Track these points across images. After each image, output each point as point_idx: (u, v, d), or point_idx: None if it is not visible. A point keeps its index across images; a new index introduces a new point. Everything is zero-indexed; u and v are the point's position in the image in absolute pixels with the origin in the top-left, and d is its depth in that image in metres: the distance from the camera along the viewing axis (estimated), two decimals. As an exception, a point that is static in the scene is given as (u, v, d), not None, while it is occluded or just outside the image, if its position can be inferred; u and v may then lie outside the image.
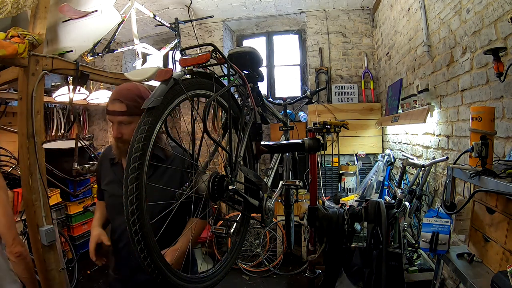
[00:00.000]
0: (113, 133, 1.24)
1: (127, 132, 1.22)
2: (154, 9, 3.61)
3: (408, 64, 2.74)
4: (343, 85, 3.99)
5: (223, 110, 1.22)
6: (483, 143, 1.11)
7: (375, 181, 2.93)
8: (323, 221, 1.86)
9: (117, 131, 1.22)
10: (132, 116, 1.21)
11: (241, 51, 1.35)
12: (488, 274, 1.15)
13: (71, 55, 1.84)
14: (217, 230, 1.24)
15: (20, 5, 1.49)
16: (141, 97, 1.22)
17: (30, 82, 1.49)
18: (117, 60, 4.84)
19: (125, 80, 2.02)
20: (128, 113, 1.20)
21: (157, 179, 1.26)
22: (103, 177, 1.40)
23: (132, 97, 1.21)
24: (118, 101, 1.21)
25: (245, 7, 3.99)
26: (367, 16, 4.00)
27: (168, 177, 1.29)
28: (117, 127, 1.22)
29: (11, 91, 2.81)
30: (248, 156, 1.34)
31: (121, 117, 1.21)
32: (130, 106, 1.20)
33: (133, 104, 1.20)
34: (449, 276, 1.95)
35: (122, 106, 1.20)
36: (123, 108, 1.20)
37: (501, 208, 1.13)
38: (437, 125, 2.16)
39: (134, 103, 1.20)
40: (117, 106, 1.21)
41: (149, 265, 0.81)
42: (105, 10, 1.94)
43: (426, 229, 1.43)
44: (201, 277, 1.05)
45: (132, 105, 1.20)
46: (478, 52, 1.61)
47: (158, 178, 1.27)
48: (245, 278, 3.33)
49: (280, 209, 3.13)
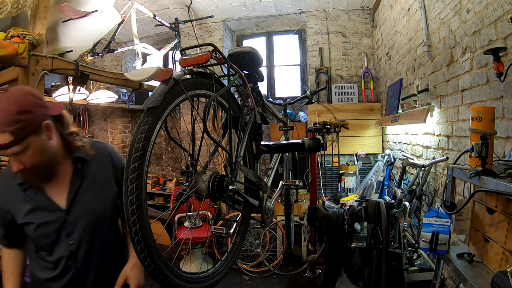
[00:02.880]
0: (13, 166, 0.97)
1: (28, 160, 0.96)
2: (154, 9, 3.61)
3: (408, 64, 2.74)
4: (343, 85, 3.99)
5: (223, 110, 1.22)
6: (483, 143, 1.11)
7: (375, 181, 2.93)
8: (323, 221, 1.86)
9: (16, 164, 0.96)
10: (23, 142, 0.93)
11: (241, 51, 1.36)
12: (488, 274, 1.15)
13: (71, 55, 1.84)
14: (217, 230, 1.24)
15: (20, 5, 1.49)
16: (24, 111, 0.92)
17: (30, 82, 1.49)
18: (117, 60, 4.84)
19: (125, 80, 2.02)
20: (16, 142, 0.91)
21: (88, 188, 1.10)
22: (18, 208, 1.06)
23: (12, 119, 0.90)
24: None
25: (245, 7, 3.99)
26: (367, 16, 4.00)
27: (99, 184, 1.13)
28: (13, 160, 0.96)
29: (11, 91, 2.80)
30: (248, 156, 1.34)
31: (11, 149, 0.92)
32: (14, 131, 0.90)
33: (18, 126, 0.91)
34: (449, 276, 1.95)
35: (5, 137, 0.90)
36: (8, 139, 0.90)
37: (501, 208, 1.13)
38: (437, 125, 2.16)
39: (18, 125, 0.91)
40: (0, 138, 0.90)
41: (149, 265, 0.81)
42: (105, 10, 1.94)
43: (426, 229, 1.43)
44: (201, 277, 1.06)
45: (17, 129, 0.90)
46: (478, 52, 1.61)
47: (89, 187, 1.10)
48: (245, 278, 3.32)
49: (280, 209, 3.13)
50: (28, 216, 1.06)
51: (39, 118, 0.97)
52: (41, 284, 1.10)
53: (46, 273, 1.08)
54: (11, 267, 1.15)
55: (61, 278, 1.07)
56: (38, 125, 0.96)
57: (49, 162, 1.02)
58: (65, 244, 1.06)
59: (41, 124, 0.97)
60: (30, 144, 0.95)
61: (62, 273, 1.07)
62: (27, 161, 0.96)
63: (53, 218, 1.05)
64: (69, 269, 1.07)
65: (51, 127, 1.01)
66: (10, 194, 1.08)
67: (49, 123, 1.00)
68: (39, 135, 0.97)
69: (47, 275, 1.08)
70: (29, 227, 1.06)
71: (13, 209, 1.08)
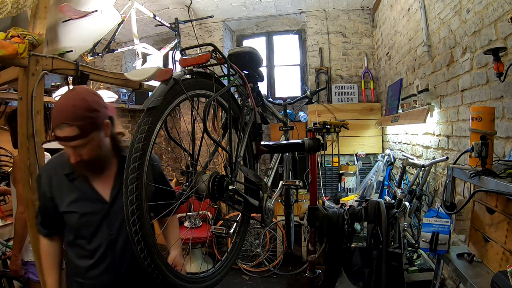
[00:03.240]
0: (71, 158, 1.05)
1: (86, 153, 1.05)
2: (154, 9, 3.61)
3: (408, 64, 2.74)
4: (343, 85, 3.99)
5: (223, 110, 1.22)
6: (483, 143, 1.11)
7: (375, 181, 2.93)
8: (323, 221, 1.86)
9: (75, 156, 1.04)
10: (88, 136, 1.02)
11: (241, 51, 1.36)
12: (488, 274, 1.15)
13: (71, 55, 1.84)
14: (217, 230, 1.24)
15: (20, 5, 1.49)
16: (91, 109, 1.03)
17: (30, 82, 1.48)
18: (117, 60, 4.84)
19: (125, 80, 2.02)
20: (82, 136, 1.01)
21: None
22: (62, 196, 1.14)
23: (81, 115, 1.00)
24: (67, 125, 0.99)
25: (245, 7, 3.99)
26: (367, 16, 4.00)
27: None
28: (73, 151, 1.04)
29: (11, 91, 2.81)
30: (248, 156, 1.34)
31: (75, 142, 1.01)
32: (82, 126, 1.00)
33: (85, 122, 1.01)
34: (449, 276, 1.95)
35: (72, 130, 0.99)
36: (75, 132, 0.99)
37: (501, 208, 1.13)
38: (437, 125, 2.16)
39: (85, 121, 1.01)
40: (67, 131, 0.99)
41: (149, 265, 0.81)
42: (105, 10, 1.94)
43: (426, 229, 1.43)
44: (201, 277, 1.06)
45: (84, 124, 1.00)
46: (478, 52, 1.61)
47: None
48: (245, 278, 3.33)
49: (280, 209, 3.13)
50: (73, 205, 1.12)
51: (102, 117, 1.08)
52: (78, 271, 1.16)
53: (83, 261, 1.14)
54: (51, 261, 1.22)
55: (97, 266, 1.13)
56: (101, 123, 1.07)
57: (103, 157, 1.12)
58: (105, 234, 1.14)
59: (103, 122, 1.08)
60: (92, 140, 1.04)
61: (99, 261, 1.13)
62: (85, 154, 1.05)
63: (97, 209, 1.13)
64: (106, 258, 1.14)
65: (109, 126, 1.12)
66: (55, 182, 1.15)
67: (108, 122, 1.11)
68: (100, 132, 1.07)
69: (84, 263, 1.14)
70: (72, 215, 1.13)
71: (57, 197, 1.14)
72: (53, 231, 1.20)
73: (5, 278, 2.07)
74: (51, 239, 1.22)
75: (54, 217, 1.16)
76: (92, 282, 1.14)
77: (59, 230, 1.20)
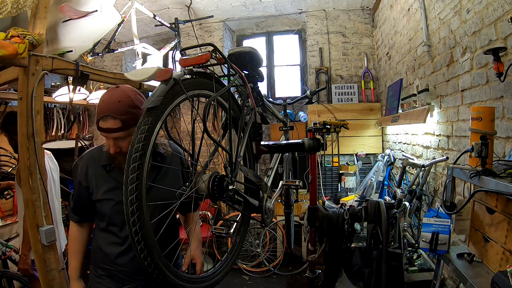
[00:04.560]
0: (111, 148, 1.15)
1: (125, 145, 1.14)
2: (154, 9, 3.61)
3: (408, 64, 2.74)
4: (343, 85, 3.99)
5: (223, 110, 1.22)
6: (483, 143, 1.11)
7: (375, 181, 2.93)
8: (323, 221, 1.86)
9: (114, 147, 1.14)
10: (128, 130, 1.12)
11: (241, 51, 1.36)
12: (488, 274, 1.15)
13: (71, 55, 1.84)
14: (217, 230, 1.24)
15: (20, 5, 1.49)
16: (134, 106, 1.13)
17: (30, 82, 1.48)
18: (117, 60, 4.84)
19: (125, 80, 2.02)
20: (124, 128, 1.11)
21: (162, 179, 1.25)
22: (98, 185, 1.24)
23: (125, 110, 1.11)
24: (111, 118, 1.09)
25: (245, 7, 3.99)
26: (367, 16, 4.00)
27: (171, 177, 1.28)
28: (113, 142, 1.14)
29: (11, 91, 2.81)
30: (248, 156, 1.34)
31: (117, 133, 1.11)
32: (125, 120, 1.10)
33: (128, 117, 1.11)
34: (449, 276, 1.95)
35: (116, 123, 1.10)
36: (118, 125, 1.10)
37: (501, 208, 1.13)
38: (437, 125, 2.16)
39: (128, 116, 1.11)
40: (111, 123, 1.10)
41: (149, 265, 0.81)
42: (105, 10, 1.94)
43: (426, 229, 1.43)
44: (201, 277, 1.06)
45: (127, 118, 1.11)
46: (478, 52, 1.61)
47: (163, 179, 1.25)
48: (245, 278, 3.33)
49: (280, 209, 3.13)
50: (108, 194, 1.21)
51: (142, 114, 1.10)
52: (106, 258, 1.23)
53: (113, 248, 1.23)
54: (77, 246, 1.31)
55: (127, 253, 1.22)
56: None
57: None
58: None
59: None
60: (131, 133, 1.08)
61: (128, 248, 1.21)
62: (124, 146, 1.13)
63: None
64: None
65: None
66: (92, 172, 1.24)
67: None
68: None
69: (114, 250, 1.22)
70: (107, 202, 1.21)
71: (92, 186, 1.24)
72: (84, 218, 1.31)
73: (5, 278, 2.07)
74: (81, 226, 1.32)
75: (86, 205, 1.26)
76: (120, 269, 1.22)
77: (90, 217, 1.31)
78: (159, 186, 1.15)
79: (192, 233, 1.46)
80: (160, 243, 0.88)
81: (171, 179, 1.27)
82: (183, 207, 1.25)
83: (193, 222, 1.46)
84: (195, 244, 1.41)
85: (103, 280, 1.25)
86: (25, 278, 2.02)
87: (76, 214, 1.31)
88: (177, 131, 3.89)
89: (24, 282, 2.05)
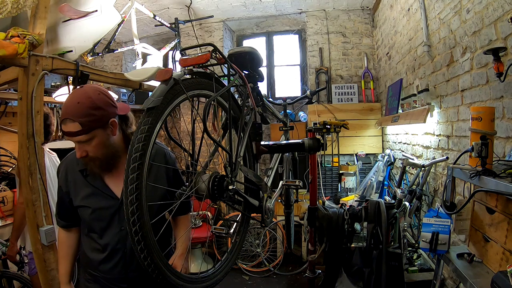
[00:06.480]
0: (77, 153, 1.10)
1: (91, 150, 1.08)
2: (154, 9, 3.61)
3: (408, 64, 2.74)
4: (343, 85, 3.99)
5: (223, 110, 1.22)
6: (483, 143, 1.11)
7: (375, 181, 2.93)
8: (323, 221, 1.86)
9: (80, 151, 1.08)
10: (90, 133, 1.05)
11: (241, 51, 1.35)
12: (488, 274, 1.15)
13: (71, 55, 1.84)
14: (217, 230, 1.24)
15: (20, 5, 1.49)
16: (95, 107, 1.06)
17: (30, 82, 1.48)
18: (117, 60, 4.84)
19: (125, 80, 2.02)
20: (84, 132, 1.04)
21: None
22: (76, 191, 1.20)
23: (84, 112, 1.04)
24: (70, 120, 1.04)
25: (245, 7, 3.99)
26: (367, 16, 4.00)
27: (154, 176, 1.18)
28: (78, 147, 1.09)
29: (11, 91, 2.81)
30: (248, 156, 1.34)
31: (78, 137, 1.05)
32: (84, 123, 1.03)
33: (87, 119, 1.04)
34: (449, 276, 1.95)
35: (75, 126, 1.03)
36: (77, 128, 1.03)
37: (501, 208, 1.13)
38: (437, 125, 2.16)
39: (88, 118, 1.04)
40: (70, 126, 1.04)
41: (149, 265, 0.81)
42: (105, 10, 1.94)
43: (426, 229, 1.43)
44: (201, 277, 1.06)
45: (86, 121, 1.04)
46: (478, 52, 1.61)
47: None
48: (245, 278, 3.32)
49: (280, 209, 3.13)
50: (86, 200, 1.17)
51: (107, 115, 1.09)
52: (91, 263, 1.20)
53: (95, 255, 1.19)
54: (65, 251, 1.28)
55: (108, 261, 1.17)
56: (105, 121, 1.09)
57: (110, 155, 1.13)
58: (117, 229, 1.17)
59: (108, 121, 1.10)
60: (95, 136, 1.07)
61: (110, 255, 1.17)
62: (90, 150, 1.08)
63: (108, 205, 1.17)
64: (117, 253, 1.17)
65: (116, 125, 1.14)
66: (71, 177, 1.21)
67: (115, 121, 1.13)
68: (105, 129, 1.10)
69: (96, 257, 1.19)
70: (85, 210, 1.17)
71: (72, 192, 1.20)
72: (69, 223, 1.26)
73: (5, 278, 2.07)
74: (68, 231, 1.28)
75: (70, 210, 1.22)
76: (103, 276, 1.19)
77: (75, 222, 1.26)
78: (159, 186, 1.14)
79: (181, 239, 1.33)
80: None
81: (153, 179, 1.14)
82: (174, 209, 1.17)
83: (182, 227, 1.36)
84: (179, 252, 1.25)
85: (91, 285, 1.23)
86: (25, 278, 2.03)
87: (62, 220, 1.27)
88: (177, 131, 3.89)
89: (24, 282, 2.06)
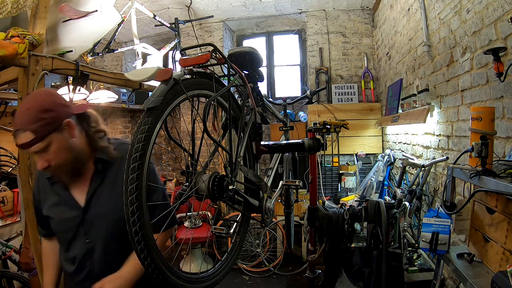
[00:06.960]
0: (38, 165, 1.00)
1: (51, 157, 0.99)
2: (154, 9, 3.61)
3: (408, 64, 2.74)
4: (343, 85, 3.99)
5: (223, 110, 1.22)
6: (483, 143, 1.11)
7: (375, 181, 2.93)
8: (323, 221, 1.86)
9: (40, 163, 0.99)
10: (45, 139, 0.96)
11: (241, 51, 1.36)
12: (488, 274, 1.15)
13: (71, 55, 1.84)
14: (217, 230, 1.24)
15: (20, 5, 1.49)
16: (45, 110, 0.97)
17: (30, 82, 1.48)
18: (117, 60, 4.84)
19: (125, 80, 2.02)
20: (38, 139, 0.95)
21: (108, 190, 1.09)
22: (45, 199, 1.13)
23: (34, 118, 0.95)
24: (21, 131, 0.95)
25: (245, 7, 3.99)
26: (367, 16, 4.00)
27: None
28: (38, 158, 0.99)
29: (11, 91, 2.81)
30: (248, 156, 1.34)
31: (33, 147, 0.95)
32: (36, 129, 0.94)
33: (38, 125, 0.95)
34: (449, 276, 1.95)
35: (27, 135, 0.94)
36: (30, 137, 0.94)
37: (501, 208, 1.13)
38: (437, 125, 2.16)
39: (39, 122, 0.95)
40: (22, 137, 0.95)
41: (149, 265, 0.81)
42: (105, 10, 1.94)
43: (426, 229, 1.42)
44: (201, 277, 1.05)
45: (37, 127, 0.95)
46: (478, 52, 1.61)
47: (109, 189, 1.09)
48: (245, 278, 3.32)
49: (280, 209, 3.13)
50: (51, 210, 1.11)
51: (60, 116, 1.00)
52: (67, 275, 1.16)
53: (68, 266, 1.13)
54: (48, 260, 1.21)
55: (78, 274, 1.11)
56: (59, 123, 1.00)
57: (73, 160, 1.04)
58: (82, 242, 1.10)
59: (62, 122, 1.00)
60: (52, 142, 0.98)
61: (79, 269, 1.11)
62: (51, 158, 0.99)
63: (72, 215, 1.09)
64: (85, 266, 1.10)
65: (73, 125, 1.04)
66: (41, 184, 1.15)
67: (70, 121, 1.03)
68: (61, 132, 1.00)
69: (69, 268, 1.13)
70: (51, 220, 1.12)
71: (42, 201, 1.14)
72: (49, 232, 1.19)
73: (5, 278, 2.07)
74: (50, 240, 1.22)
75: (46, 219, 1.15)
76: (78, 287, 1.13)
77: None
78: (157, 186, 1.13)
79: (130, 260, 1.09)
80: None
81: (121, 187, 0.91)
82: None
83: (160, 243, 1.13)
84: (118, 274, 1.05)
85: None
86: (25, 278, 2.03)
87: (42, 229, 1.21)
88: (177, 131, 3.89)
89: (24, 282, 2.06)
